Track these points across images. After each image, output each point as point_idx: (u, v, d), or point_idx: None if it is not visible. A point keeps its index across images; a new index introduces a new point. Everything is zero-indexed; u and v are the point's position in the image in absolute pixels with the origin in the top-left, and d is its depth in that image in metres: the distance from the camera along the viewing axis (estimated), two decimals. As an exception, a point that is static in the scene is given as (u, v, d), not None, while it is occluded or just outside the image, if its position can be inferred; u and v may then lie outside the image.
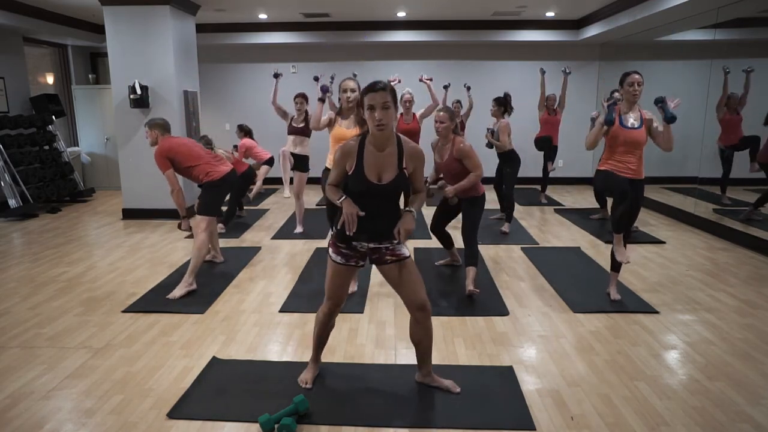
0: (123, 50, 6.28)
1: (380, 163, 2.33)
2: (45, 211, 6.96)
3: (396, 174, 2.34)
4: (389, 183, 2.33)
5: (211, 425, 2.36)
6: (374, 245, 2.43)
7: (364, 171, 2.32)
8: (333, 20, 8.19)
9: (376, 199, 2.35)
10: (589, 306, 3.72)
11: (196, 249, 3.97)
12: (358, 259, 2.47)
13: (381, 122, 2.22)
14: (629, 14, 6.51)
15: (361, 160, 2.32)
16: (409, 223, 2.33)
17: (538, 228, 6.08)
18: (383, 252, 2.44)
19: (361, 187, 2.33)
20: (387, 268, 2.46)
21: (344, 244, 2.43)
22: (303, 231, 5.78)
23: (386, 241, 2.43)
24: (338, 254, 2.45)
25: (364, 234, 2.38)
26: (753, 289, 4.08)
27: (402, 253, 2.45)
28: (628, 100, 3.55)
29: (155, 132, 4.03)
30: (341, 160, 2.35)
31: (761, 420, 2.39)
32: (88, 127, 8.60)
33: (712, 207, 6.26)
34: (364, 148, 2.33)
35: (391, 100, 2.23)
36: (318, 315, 2.64)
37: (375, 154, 2.33)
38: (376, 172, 2.33)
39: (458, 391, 2.60)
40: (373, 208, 2.35)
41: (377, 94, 2.20)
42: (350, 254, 2.44)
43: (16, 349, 3.10)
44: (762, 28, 6.16)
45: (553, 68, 8.99)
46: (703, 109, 6.17)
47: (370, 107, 2.22)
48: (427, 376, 2.66)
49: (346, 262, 2.45)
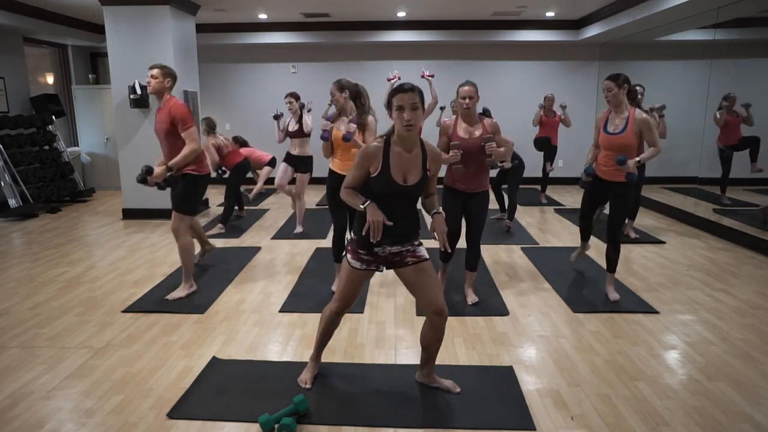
0: (123, 50, 6.28)
1: (406, 164, 2.32)
2: (45, 211, 6.96)
3: (421, 176, 2.35)
4: (414, 185, 2.33)
5: (211, 425, 2.36)
6: (397, 249, 2.41)
7: (390, 172, 2.30)
8: (333, 20, 8.19)
9: (400, 201, 2.35)
10: (589, 306, 3.72)
11: (185, 252, 3.80)
12: (379, 263, 2.45)
13: (410, 122, 2.22)
14: (629, 14, 6.51)
15: (387, 162, 2.30)
16: (443, 224, 2.34)
17: (538, 228, 6.08)
18: (404, 254, 2.42)
19: (387, 189, 2.31)
20: (406, 270, 2.43)
21: (365, 251, 2.41)
22: (303, 231, 5.78)
23: (408, 243, 2.42)
24: (358, 260, 2.43)
25: (388, 238, 2.35)
26: (753, 289, 4.08)
27: (422, 254, 2.43)
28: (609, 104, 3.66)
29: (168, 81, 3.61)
30: (364, 162, 2.32)
31: (761, 420, 2.39)
32: (88, 127, 8.60)
33: (712, 207, 6.26)
34: (390, 150, 2.32)
35: (419, 101, 2.24)
36: (325, 313, 2.62)
37: (402, 155, 2.31)
38: (401, 174, 2.32)
39: (458, 391, 2.59)
40: (397, 211, 2.34)
41: (406, 94, 2.22)
42: (371, 260, 2.43)
43: (16, 349, 3.10)
44: (762, 28, 6.16)
45: (553, 68, 9.01)
46: (703, 109, 6.17)
47: (399, 108, 2.23)
48: (427, 377, 2.66)
49: (366, 268, 2.44)
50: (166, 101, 3.62)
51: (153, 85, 3.58)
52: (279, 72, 9.17)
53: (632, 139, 3.53)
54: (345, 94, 3.68)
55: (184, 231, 3.77)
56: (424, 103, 2.33)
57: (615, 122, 3.61)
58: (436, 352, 2.59)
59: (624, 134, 3.54)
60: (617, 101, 3.57)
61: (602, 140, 3.67)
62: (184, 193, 3.73)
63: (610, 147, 3.61)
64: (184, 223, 3.77)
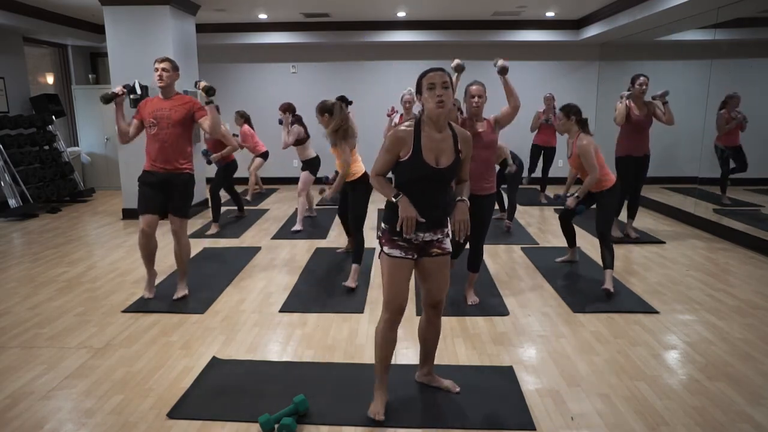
0: (123, 50, 6.28)
1: (438, 146, 2.24)
2: (45, 211, 6.96)
3: (453, 158, 2.26)
4: (447, 167, 2.25)
5: (211, 425, 2.36)
6: (429, 236, 2.31)
7: (422, 155, 2.22)
8: (333, 20, 8.19)
9: (432, 185, 2.26)
10: (589, 306, 3.72)
11: (187, 252, 3.84)
12: (414, 252, 2.33)
13: (441, 98, 2.16)
14: (629, 14, 6.51)
15: (419, 144, 2.22)
16: (463, 213, 2.27)
17: (538, 228, 6.08)
18: (433, 243, 2.33)
19: (420, 173, 2.23)
20: (427, 260, 2.34)
21: (399, 236, 2.28)
22: (302, 230, 5.79)
23: (439, 231, 2.33)
24: (395, 247, 2.29)
25: (421, 225, 2.27)
26: (753, 289, 4.08)
27: (447, 247, 2.37)
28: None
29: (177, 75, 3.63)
30: (394, 146, 2.25)
31: (761, 420, 2.39)
32: (88, 127, 8.60)
33: (712, 207, 6.26)
34: (421, 132, 2.25)
35: (450, 82, 2.20)
36: (377, 330, 2.39)
37: (432, 137, 2.24)
38: (434, 156, 2.23)
39: (458, 390, 2.59)
40: (429, 196, 2.26)
41: (437, 73, 2.19)
42: (407, 246, 2.30)
43: (16, 349, 3.10)
44: (762, 28, 6.16)
45: (554, 68, 9.01)
46: (703, 109, 6.17)
47: (431, 86, 2.18)
48: (427, 375, 2.65)
49: (405, 255, 2.30)
50: (175, 93, 3.64)
51: (165, 78, 3.55)
52: (279, 72, 9.17)
53: (577, 162, 4.06)
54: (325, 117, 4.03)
55: (185, 231, 3.80)
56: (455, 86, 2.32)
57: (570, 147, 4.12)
58: (434, 348, 2.58)
59: (571, 159, 4.09)
60: (565, 129, 4.10)
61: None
62: (185, 195, 3.72)
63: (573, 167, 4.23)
64: (185, 224, 3.78)
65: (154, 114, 3.57)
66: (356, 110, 3.99)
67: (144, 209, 3.59)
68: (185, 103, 3.61)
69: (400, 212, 2.20)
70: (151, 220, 3.61)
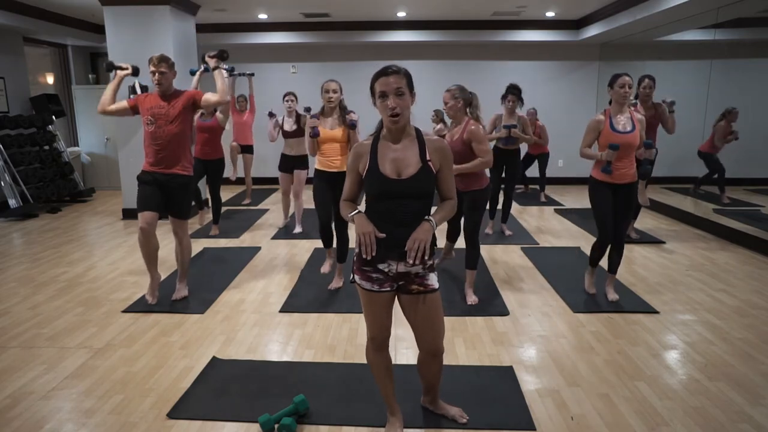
0: (123, 50, 6.28)
1: (398, 156, 1.97)
2: (45, 211, 6.96)
3: (419, 167, 1.96)
4: (411, 177, 1.95)
5: (211, 425, 2.36)
6: (404, 268, 2.00)
7: (378, 166, 1.97)
8: (333, 20, 8.18)
9: (398, 202, 1.95)
10: (589, 306, 3.72)
11: (188, 252, 3.86)
12: (393, 283, 2.05)
13: (395, 110, 1.91)
14: (629, 14, 6.51)
15: (375, 155, 1.99)
16: (422, 232, 1.91)
17: (538, 228, 6.08)
18: (411, 278, 2.03)
19: (379, 187, 1.97)
20: (409, 298, 2.06)
21: (370, 267, 2.02)
22: (302, 230, 5.78)
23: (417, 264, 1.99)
24: (366, 280, 2.03)
25: (392, 252, 1.98)
26: (753, 289, 4.08)
27: (431, 283, 2.04)
28: (617, 101, 3.56)
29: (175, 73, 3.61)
30: (354, 163, 2.04)
31: (761, 420, 2.39)
32: (88, 127, 8.60)
33: (712, 207, 6.26)
34: (378, 144, 2.01)
35: (406, 85, 1.92)
36: (367, 357, 2.22)
37: (391, 147, 1.99)
38: (394, 167, 1.97)
39: (465, 421, 2.36)
40: (398, 215, 1.95)
41: (390, 78, 1.91)
42: (381, 278, 2.02)
43: (16, 349, 3.10)
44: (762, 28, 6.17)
45: (553, 69, 9.01)
46: (703, 110, 6.17)
47: (382, 94, 1.92)
48: (432, 402, 2.44)
49: (379, 289, 2.03)
50: (173, 90, 3.60)
51: (163, 82, 3.51)
52: (279, 72, 9.17)
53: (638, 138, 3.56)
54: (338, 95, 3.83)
55: (186, 231, 3.83)
56: (413, 87, 1.98)
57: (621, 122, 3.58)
58: (437, 383, 2.35)
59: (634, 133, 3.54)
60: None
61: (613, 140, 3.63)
62: (184, 199, 3.72)
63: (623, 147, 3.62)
64: (185, 225, 3.81)
65: (152, 111, 3.54)
66: (357, 110, 3.97)
67: (143, 206, 3.56)
68: (181, 97, 3.56)
69: (356, 230, 1.95)
70: (149, 218, 3.56)
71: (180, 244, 3.80)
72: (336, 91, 3.79)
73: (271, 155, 7.39)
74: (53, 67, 8.77)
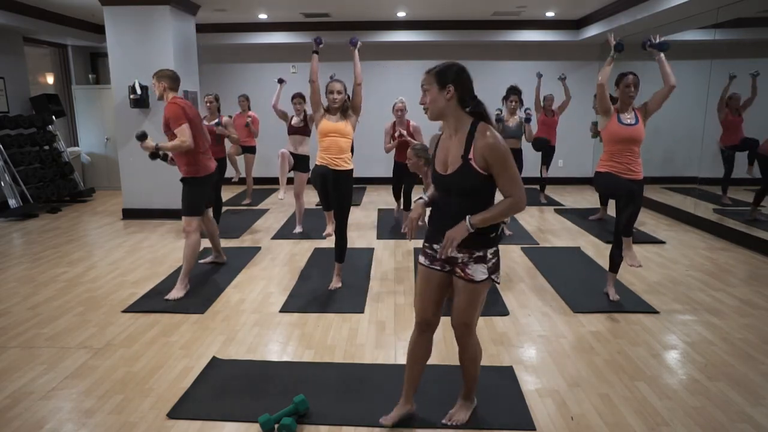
0: (123, 50, 6.29)
1: (447, 150, 2.06)
2: (45, 211, 6.96)
3: (459, 164, 2.00)
4: (451, 174, 2.02)
5: (211, 425, 2.36)
6: (452, 253, 2.09)
7: (435, 158, 2.13)
8: (333, 20, 8.18)
9: (444, 194, 2.10)
10: (589, 306, 3.72)
11: (191, 248, 3.90)
12: (443, 263, 2.16)
13: (423, 105, 2.06)
14: (629, 14, 6.51)
15: (436, 147, 2.14)
16: (455, 230, 2.00)
17: (538, 228, 6.08)
18: (456, 263, 2.11)
19: (433, 178, 2.14)
20: (454, 280, 2.16)
21: (428, 244, 2.19)
22: (303, 231, 5.78)
23: (464, 251, 2.06)
24: (424, 255, 2.21)
25: (437, 237, 2.12)
26: (753, 289, 4.08)
27: (471, 275, 2.08)
28: (623, 101, 3.60)
29: (163, 84, 3.74)
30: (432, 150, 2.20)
31: (761, 420, 2.39)
32: (88, 127, 8.60)
33: (712, 207, 6.26)
34: (442, 135, 2.13)
35: (434, 82, 2.00)
36: (410, 340, 2.31)
37: (444, 139, 2.10)
38: (443, 161, 2.08)
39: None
40: (445, 207, 2.10)
41: (423, 77, 2.06)
42: (433, 256, 2.17)
43: (16, 349, 3.10)
44: (762, 28, 6.16)
45: (553, 69, 8.99)
46: (703, 109, 6.17)
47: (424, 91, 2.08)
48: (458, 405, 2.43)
49: (430, 264, 2.17)
50: (167, 101, 3.82)
51: (156, 93, 3.85)
52: (279, 72, 9.13)
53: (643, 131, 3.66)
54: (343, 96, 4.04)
55: (195, 228, 3.93)
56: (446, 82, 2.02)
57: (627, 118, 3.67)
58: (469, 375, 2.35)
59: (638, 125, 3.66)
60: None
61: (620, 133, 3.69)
62: (186, 198, 3.93)
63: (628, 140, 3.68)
64: (195, 222, 3.93)
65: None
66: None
67: None
68: (165, 115, 3.79)
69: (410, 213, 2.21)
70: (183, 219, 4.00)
71: (186, 238, 3.93)
72: (341, 92, 3.84)
73: (272, 155, 7.39)
74: (53, 67, 8.77)
